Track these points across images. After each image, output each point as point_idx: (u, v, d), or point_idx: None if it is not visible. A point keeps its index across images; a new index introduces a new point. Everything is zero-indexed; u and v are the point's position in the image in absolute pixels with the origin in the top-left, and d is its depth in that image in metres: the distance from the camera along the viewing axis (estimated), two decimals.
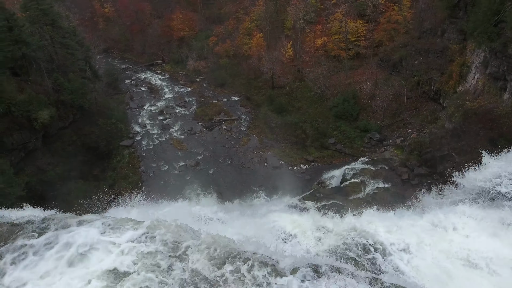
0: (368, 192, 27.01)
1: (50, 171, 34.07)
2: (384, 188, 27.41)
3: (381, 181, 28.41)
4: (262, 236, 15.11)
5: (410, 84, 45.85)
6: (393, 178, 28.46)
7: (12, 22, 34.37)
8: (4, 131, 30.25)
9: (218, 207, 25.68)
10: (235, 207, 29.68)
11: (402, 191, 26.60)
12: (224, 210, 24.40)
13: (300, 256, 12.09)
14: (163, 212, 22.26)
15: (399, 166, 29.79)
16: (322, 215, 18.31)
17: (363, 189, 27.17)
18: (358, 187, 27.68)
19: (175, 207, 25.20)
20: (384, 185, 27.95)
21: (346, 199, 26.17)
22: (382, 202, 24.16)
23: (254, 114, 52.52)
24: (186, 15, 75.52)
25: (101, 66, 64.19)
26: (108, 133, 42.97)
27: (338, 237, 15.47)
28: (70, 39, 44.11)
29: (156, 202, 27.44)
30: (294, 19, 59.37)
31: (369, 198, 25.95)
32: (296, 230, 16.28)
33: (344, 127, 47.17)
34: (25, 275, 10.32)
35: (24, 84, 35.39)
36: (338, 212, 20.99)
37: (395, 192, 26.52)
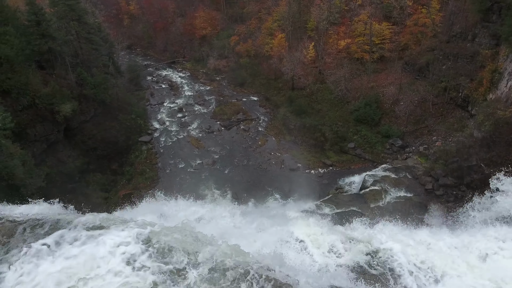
0: (389, 200, 25.82)
1: (70, 163, 34.68)
2: (406, 197, 26.12)
3: (403, 190, 27.13)
4: (277, 247, 14.40)
5: (437, 90, 44.08)
6: (416, 188, 27.12)
7: (40, 17, 35.19)
8: (28, 123, 30.96)
9: (232, 209, 25.04)
10: (250, 209, 29.11)
11: (425, 201, 25.26)
12: (238, 213, 23.76)
13: (319, 273, 11.28)
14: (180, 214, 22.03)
15: (422, 175, 28.34)
16: (343, 227, 17.29)
17: (383, 197, 25.99)
18: (378, 195, 26.53)
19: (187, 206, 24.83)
20: (406, 194, 26.66)
21: (365, 207, 25.12)
22: (404, 212, 23.06)
23: (272, 115, 51.94)
24: (208, 14, 75.77)
25: (124, 62, 65.29)
26: (128, 129, 43.49)
27: (358, 252, 14.54)
28: (95, 34, 44.89)
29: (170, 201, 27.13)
30: (317, 20, 58.39)
31: (390, 207, 24.82)
32: (313, 242, 15.38)
33: (364, 131, 45.88)
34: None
35: (49, 77, 36.18)
36: (357, 219, 20.03)
37: (418, 202, 25.22)
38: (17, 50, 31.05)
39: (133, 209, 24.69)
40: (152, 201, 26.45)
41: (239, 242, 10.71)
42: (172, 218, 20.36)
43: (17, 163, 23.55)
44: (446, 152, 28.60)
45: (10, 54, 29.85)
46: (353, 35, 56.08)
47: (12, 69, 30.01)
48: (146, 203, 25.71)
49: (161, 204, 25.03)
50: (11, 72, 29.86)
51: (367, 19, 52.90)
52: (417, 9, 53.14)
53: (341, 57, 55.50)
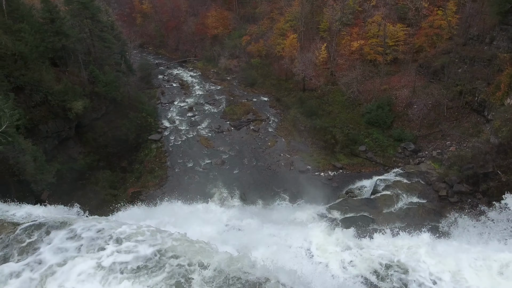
0: (401, 206, 25.03)
1: (80, 160, 34.94)
2: (419, 203, 25.24)
3: (415, 196, 26.21)
4: (286, 254, 13.93)
5: (452, 94, 43.04)
6: (429, 194, 26.26)
7: (55, 14, 35.53)
8: (40, 119, 31.25)
9: (239, 211, 24.64)
10: (258, 211, 28.75)
11: (439, 208, 24.39)
12: (246, 215, 23.36)
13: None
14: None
15: (436, 181, 27.41)
16: (355, 235, 16.67)
17: (395, 203, 25.19)
18: (390, 200, 25.73)
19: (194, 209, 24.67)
20: (419, 200, 25.78)
21: (376, 212, 24.40)
22: (417, 219, 22.37)
23: (283, 115, 51.55)
24: (221, 14, 75.81)
25: (136, 60, 65.68)
26: (138, 127, 43.68)
27: (370, 262, 13.99)
28: (108, 33, 45.16)
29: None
30: (330, 21, 57.76)
31: (401, 214, 24.03)
32: (324, 250, 14.89)
33: (376, 134, 45.15)
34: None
35: (62, 74, 36.52)
36: (367, 225, 19.46)
37: (431, 209, 24.37)
38: (32, 47, 31.41)
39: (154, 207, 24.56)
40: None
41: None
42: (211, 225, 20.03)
43: (28, 159, 23.74)
44: (461, 158, 27.73)
45: (24, 51, 30.19)
46: (366, 37, 55.30)
47: (26, 65, 30.32)
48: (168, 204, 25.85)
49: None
50: (25, 69, 30.17)
51: (381, 20, 52.07)
52: (432, 10, 52.04)
53: (353, 58, 54.78)
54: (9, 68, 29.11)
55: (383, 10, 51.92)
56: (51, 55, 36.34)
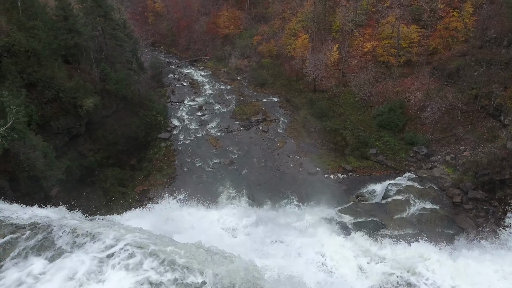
0: (413, 212, 24.30)
1: (90, 157, 35.14)
2: (432, 209, 24.48)
3: (428, 202, 25.45)
4: (297, 264, 13.35)
5: (467, 97, 42.00)
6: (443, 200, 25.45)
7: (68, 12, 35.88)
8: (52, 116, 31.52)
9: (247, 215, 24.16)
10: (265, 214, 28.31)
11: (453, 215, 23.59)
12: (253, 219, 22.89)
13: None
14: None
15: (450, 187, 26.59)
16: (369, 243, 16.00)
17: (407, 209, 24.49)
18: (402, 205, 25.05)
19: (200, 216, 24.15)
20: (432, 206, 25.01)
21: (387, 218, 23.74)
22: (429, 225, 21.64)
23: (292, 116, 51.09)
24: (232, 13, 75.70)
25: (147, 59, 65.99)
26: (148, 125, 43.78)
27: (386, 272, 13.40)
28: (120, 31, 45.44)
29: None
30: (343, 21, 57.08)
31: (413, 219, 23.32)
32: (337, 258, 14.33)
33: (387, 137, 44.34)
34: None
35: (74, 71, 36.80)
36: (378, 230, 18.86)
37: (445, 215, 23.59)
38: (45, 44, 31.69)
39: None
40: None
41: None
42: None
43: (39, 155, 23.89)
44: (476, 164, 26.87)
45: (37, 47, 30.48)
46: (379, 38, 54.43)
47: (39, 62, 30.61)
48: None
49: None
50: (38, 66, 30.46)
51: (395, 22, 51.16)
52: (448, 12, 50.90)
53: (366, 60, 53.95)
54: (22, 65, 29.42)
55: (397, 11, 50.99)
56: (63, 52, 36.71)
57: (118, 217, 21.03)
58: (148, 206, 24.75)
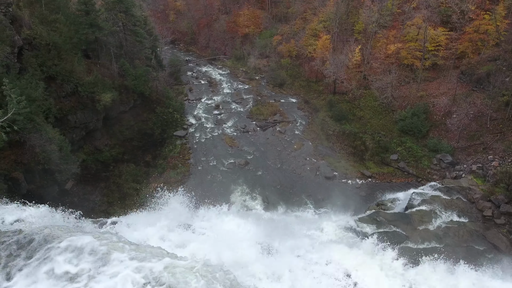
0: (439, 224, 22.66)
1: (106, 152, 35.11)
2: (460, 223, 22.76)
3: (455, 214, 23.79)
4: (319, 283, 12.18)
5: (497, 104, 39.79)
6: (472, 213, 23.68)
7: (90, 7, 36.01)
8: (70, 109, 31.62)
9: (260, 223, 22.60)
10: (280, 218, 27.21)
11: (483, 230, 21.91)
12: (267, 228, 21.42)
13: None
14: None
15: (480, 199, 24.73)
16: (402, 265, 14.43)
17: (433, 220, 22.91)
18: (427, 216, 23.42)
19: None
20: (459, 219, 23.29)
21: (410, 229, 22.21)
22: (457, 240, 20.07)
23: (311, 118, 49.87)
24: (253, 12, 75.05)
25: (166, 56, 66.21)
26: (164, 122, 43.56)
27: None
28: (140, 27, 45.43)
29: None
30: (366, 22, 55.40)
31: (439, 233, 21.72)
32: (363, 277, 13.11)
33: (410, 143, 42.57)
34: None
35: (93, 66, 36.91)
36: (400, 243, 17.50)
37: (474, 230, 21.88)
38: (65, 38, 31.84)
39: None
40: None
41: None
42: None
43: (54, 148, 23.79)
44: (508, 175, 24.97)
45: (58, 41, 30.62)
46: (404, 40, 52.51)
47: (59, 56, 30.74)
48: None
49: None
50: (58, 59, 30.59)
51: (422, 23, 49.17)
52: (478, 14, 48.52)
53: (389, 62, 52.16)
54: (43, 58, 29.61)
55: (425, 12, 48.95)
56: (84, 47, 36.92)
57: (125, 219, 20.24)
58: (157, 207, 22.94)
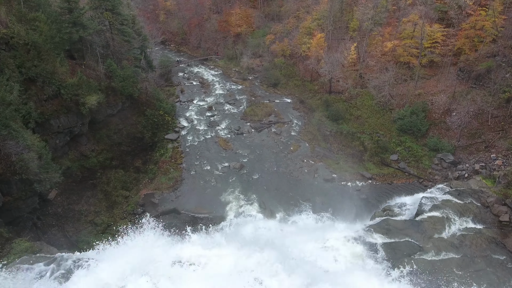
0: (453, 232, 21.09)
1: (92, 158, 33.11)
2: (476, 230, 21.25)
3: (470, 220, 22.41)
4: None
5: (498, 101, 38.79)
6: (487, 218, 22.20)
7: (73, 4, 34.03)
8: (52, 113, 29.59)
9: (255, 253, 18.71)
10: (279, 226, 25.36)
11: (501, 237, 20.46)
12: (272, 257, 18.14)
13: None
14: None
15: (495, 203, 23.25)
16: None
17: (447, 228, 21.37)
18: (440, 223, 21.86)
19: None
20: (475, 225, 21.84)
21: (423, 238, 20.64)
22: (475, 249, 18.56)
23: (307, 119, 48.41)
24: (245, 11, 73.52)
25: (156, 57, 64.18)
26: (155, 125, 41.64)
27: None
28: (128, 26, 43.46)
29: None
30: (361, 20, 54.21)
31: (455, 241, 20.18)
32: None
33: (409, 143, 41.37)
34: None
35: (78, 67, 34.88)
36: (413, 254, 15.70)
37: (491, 237, 20.41)
38: (46, 37, 29.83)
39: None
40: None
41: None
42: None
43: (33, 156, 21.82)
44: None
45: (38, 41, 28.65)
46: (400, 37, 51.44)
47: (39, 56, 28.74)
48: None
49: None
50: (38, 60, 28.59)
51: (418, 20, 48.08)
52: (475, 10, 47.61)
53: (385, 60, 51.01)
54: (21, 59, 27.61)
55: (421, 9, 47.82)
56: (67, 47, 34.85)
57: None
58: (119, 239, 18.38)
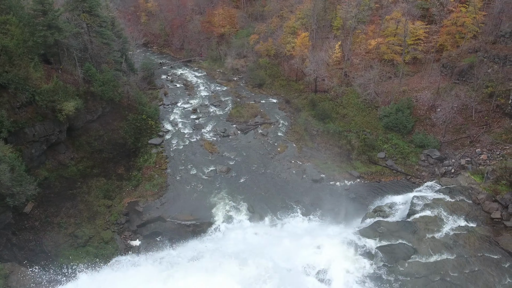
0: (447, 232, 20.72)
1: (72, 166, 31.71)
2: (468, 228, 21.00)
3: (462, 218, 22.17)
4: None
5: (481, 96, 39.16)
6: (479, 216, 21.90)
7: (47, 6, 32.49)
8: (27, 121, 28.12)
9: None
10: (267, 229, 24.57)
11: (494, 235, 20.22)
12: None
13: None
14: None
15: (486, 200, 22.99)
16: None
17: (440, 228, 21.05)
18: (433, 223, 21.59)
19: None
20: (467, 223, 21.53)
21: (416, 239, 20.16)
22: (469, 249, 18.20)
23: (293, 118, 47.93)
24: (228, 12, 72.62)
25: (139, 59, 62.68)
26: (137, 130, 40.38)
27: None
28: (107, 28, 42.07)
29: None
30: (344, 18, 54.14)
31: (449, 241, 19.81)
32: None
33: (396, 140, 41.37)
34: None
35: (54, 72, 33.40)
36: (408, 256, 15.20)
37: (484, 236, 20.09)
38: (18, 41, 28.35)
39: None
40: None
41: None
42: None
43: (4, 168, 20.46)
44: (509, 171, 23.60)
45: (9, 45, 27.18)
46: (383, 35, 51.56)
47: (10, 61, 27.27)
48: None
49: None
50: (10, 65, 27.12)
51: (400, 17, 48.23)
52: (456, 7, 48.12)
53: (369, 58, 51.07)
54: None
55: (404, 6, 48.01)
56: (42, 51, 33.29)
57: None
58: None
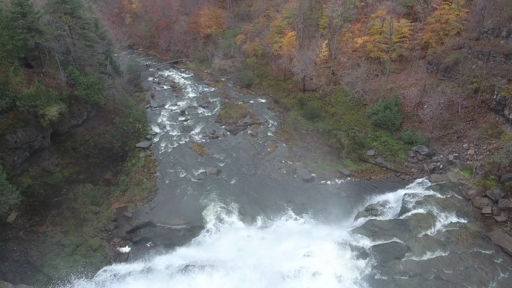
0: (439, 228, 20.73)
1: (57, 173, 30.75)
2: (460, 224, 21.21)
3: (454, 215, 22.19)
4: None
5: (466, 92, 39.73)
6: (470, 211, 21.94)
7: (26, 8, 31.44)
8: (7, 128, 27.13)
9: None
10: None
11: (486, 231, 20.32)
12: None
13: None
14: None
15: (476, 196, 23.36)
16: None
17: (432, 225, 21.03)
18: (425, 221, 21.72)
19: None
20: (458, 220, 21.67)
21: (410, 237, 20.11)
22: (461, 245, 18.19)
23: (282, 118, 47.78)
24: (214, 12, 72.09)
25: (124, 62, 61.51)
26: (124, 133, 39.58)
27: None
28: (91, 30, 41.01)
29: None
30: (331, 17, 54.30)
31: (441, 238, 19.79)
32: None
33: (384, 137, 41.66)
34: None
35: (35, 76, 32.36)
36: (401, 254, 15.02)
37: (476, 231, 20.13)
38: None
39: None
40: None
41: None
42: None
43: None
44: (497, 166, 23.81)
45: None
46: (369, 33, 51.91)
47: None
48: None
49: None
50: None
51: (386, 15, 48.63)
52: (440, 4, 48.80)
53: (356, 56, 51.35)
54: None
55: (389, 4, 48.40)
56: (22, 55, 32.18)
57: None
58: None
